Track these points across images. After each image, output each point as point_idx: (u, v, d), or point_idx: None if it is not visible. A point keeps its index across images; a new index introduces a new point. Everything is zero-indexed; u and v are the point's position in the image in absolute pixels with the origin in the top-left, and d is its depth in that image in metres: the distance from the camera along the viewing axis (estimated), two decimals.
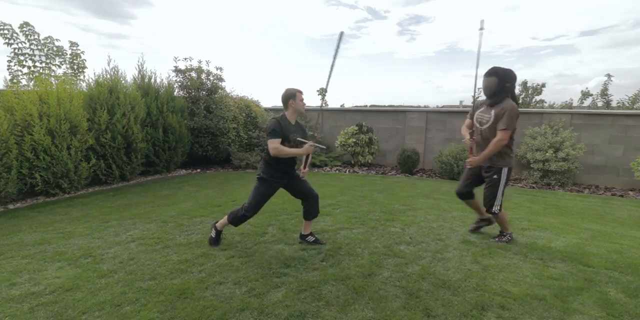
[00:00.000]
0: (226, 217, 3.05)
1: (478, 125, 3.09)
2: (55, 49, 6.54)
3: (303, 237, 3.19)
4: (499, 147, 2.92)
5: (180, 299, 2.21)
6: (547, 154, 6.18)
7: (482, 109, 3.09)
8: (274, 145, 2.77)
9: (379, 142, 8.18)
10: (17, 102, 4.82)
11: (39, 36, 6.34)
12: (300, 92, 2.97)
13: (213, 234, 3.13)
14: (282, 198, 4.88)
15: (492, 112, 2.96)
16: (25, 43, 6.21)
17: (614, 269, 2.73)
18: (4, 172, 4.48)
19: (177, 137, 6.95)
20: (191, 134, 7.49)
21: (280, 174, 2.95)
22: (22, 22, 6.22)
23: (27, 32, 6.23)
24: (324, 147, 4.14)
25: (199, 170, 7.68)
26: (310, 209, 3.11)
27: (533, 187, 6.29)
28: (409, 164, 7.31)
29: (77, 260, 2.82)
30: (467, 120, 3.23)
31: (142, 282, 2.44)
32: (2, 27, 6.02)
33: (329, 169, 7.89)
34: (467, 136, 3.15)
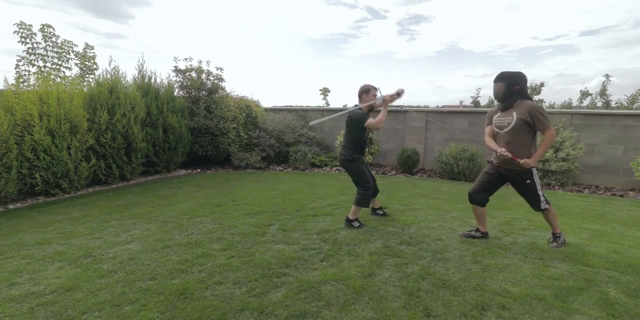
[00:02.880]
0: (353, 207, 3.58)
1: (498, 130, 3.10)
2: (71, 51, 6.62)
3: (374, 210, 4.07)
4: (550, 144, 3.01)
5: (180, 299, 2.21)
6: (547, 154, 6.17)
7: (498, 114, 3.10)
8: (375, 122, 3.49)
9: (379, 142, 8.17)
10: (17, 102, 4.82)
11: (57, 39, 6.41)
12: (375, 88, 3.63)
13: (355, 224, 3.57)
14: (282, 198, 4.89)
15: (514, 114, 2.95)
16: (40, 43, 6.25)
17: (614, 269, 2.73)
18: (4, 172, 4.48)
19: (177, 137, 6.95)
20: (191, 134, 7.49)
21: (361, 154, 3.69)
22: (43, 24, 6.33)
23: (47, 34, 6.30)
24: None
25: (199, 170, 7.68)
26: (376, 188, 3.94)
27: None
28: (409, 164, 7.31)
29: (77, 260, 2.82)
30: (489, 128, 3.20)
31: (142, 282, 2.44)
32: (22, 27, 6.07)
33: (329, 169, 7.89)
34: (498, 147, 3.04)
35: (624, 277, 2.60)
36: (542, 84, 11.79)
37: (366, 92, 3.62)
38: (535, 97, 11.85)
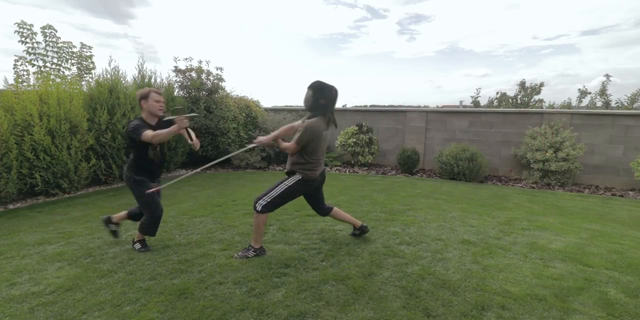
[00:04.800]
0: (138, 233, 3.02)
1: None
2: (70, 52, 6.63)
3: None
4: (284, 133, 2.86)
5: (180, 299, 2.21)
6: (547, 154, 6.18)
7: None
8: (151, 135, 2.63)
9: (379, 142, 8.17)
10: (17, 102, 4.82)
11: (57, 40, 6.42)
12: (158, 93, 2.86)
13: (137, 247, 3.02)
14: None
15: None
16: (40, 43, 6.26)
17: (614, 269, 2.73)
18: (4, 172, 4.48)
19: (177, 137, 6.95)
20: None
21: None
22: (45, 24, 6.36)
23: (47, 34, 6.31)
24: (196, 114, 3.90)
25: (199, 170, 7.68)
26: None
27: (533, 187, 6.29)
28: (409, 164, 7.31)
29: (77, 260, 2.82)
30: None
31: (142, 282, 2.44)
32: (22, 26, 6.07)
33: (329, 169, 7.88)
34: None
35: (624, 277, 2.60)
36: (542, 84, 11.80)
37: (145, 98, 2.81)
38: (535, 97, 11.86)
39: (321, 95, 2.77)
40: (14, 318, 2.03)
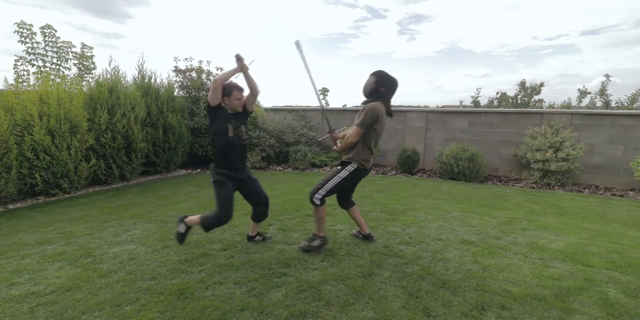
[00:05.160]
0: (195, 218, 2.92)
1: None
2: (70, 52, 6.64)
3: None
4: (347, 143, 2.90)
5: (180, 299, 2.21)
6: (547, 154, 6.18)
7: None
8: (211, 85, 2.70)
9: (379, 142, 8.17)
10: (17, 102, 4.82)
11: (56, 40, 6.43)
12: (239, 90, 2.77)
13: (182, 229, 2.95)
14: (282, 198, 4.89)
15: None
16: (40, 43, 6.26)
17: (614, 269, 2.73)
18: (4, 172, 4.48)
19: (177, 137, 6.95)
20: (191, 134, 7.50)
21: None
22: (44, 24, 6.36)
23: (47, 34, 6.31)
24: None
25: (199, 170, 7.68)
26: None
27: (533, 187, 6.29)
28: (409, 164, 7.31)
29: (77, 260, 2.82)
30: None
31: (142, 282, 2.44)
32: (22, 26, 6.08)
33: (329, 169, 7.88)
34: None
35: (624, 277, 2.60)
36: (542, 84, 11.79)
37: (228, 95, 2.77)
38: (535, 97, 11.86)
39: (383, 83, 2.82)
40: (14, 318, 2.03)
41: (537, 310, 2.13)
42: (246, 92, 2.88)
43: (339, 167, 2.95)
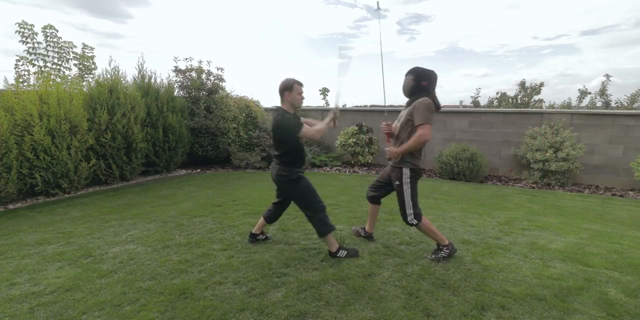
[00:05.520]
0: (325, 239, 2.86)
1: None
2: (71, 52, 6.65)
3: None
4: (419, 143, 2.75)
5: (180, 299, 2.21)
6: (547, 154, 6.18)
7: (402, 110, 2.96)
8: (314, 130, 2.72)
9: (379, 142, 8.18)
10: (17, 102, 4.82)
11: (58, 40, 6.43)
12: (300, 84, 2.79)
13: (342, 253, 2.86)
14: None
15: (407, 110, 2.84)
16: (41, 43, 6.27)
17: (614, 269, 2.73)
18: (4, 172, 4.48)
19: (177, 137, 6.95)
20: (191, 134, 7.50)
21: (303, 166, 2.93)
22: (46, 24, 6.37)
23: (48, 34, 6.32)
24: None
25: (199, 170, 7.68)
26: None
27: (533, 187, 6.29)
28: None
29: (77, 260, 2.82)
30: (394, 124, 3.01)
31: (142, 282, 2.44)
32: (23, 26, 6.09)
33: (329, 169, 7.89)
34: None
35: (624, 277, 2.60)
36: (542, 84, 11.79)
37: (289, 89, 2.75)
38: (535, 97, 11.86)
39: (422, 78, 2.78)
40: (14, 318, 2.03)
41: (537, 310, 2.13)
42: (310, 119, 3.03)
43: (397, 182, 2.81)
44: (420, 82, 2.77)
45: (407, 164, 2.77)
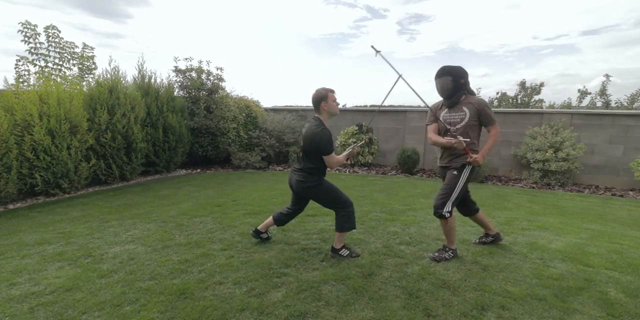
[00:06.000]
0: (337, 234, 2.86)
1: (449, 127, 2.85)
2: (72, 52, 6.66)
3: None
4: (497, 141, 2.85)
5: (180, 299, 2.21)
6: (547, 154, 6.18)
7: (445, 111, 2.91)
8: (336, 159, 2.78)
9: (379, 142, 8.18)
10: (17, 102, 4.82)
11: (60, 40, 6.44)
12: (332, 91, 2.81)
13: (344, 252, 2.88)
14: (282, 198, 4.89)
15: (465, 109, 2.81)
16: (43, 43, 6.28)
17: (614, 269, 2.73)
18: (4, 172, 4.48)
19: (177, 137, 6.95)
20: (191, 134, 7.50)
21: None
22: (48, 25, 6.40)
23: (50, 34, 6.33)
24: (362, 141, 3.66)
25: (199, 170, 7.68)
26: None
27: (533, 187, 6.29)
28: (409, 164, 7.31)
29: (77, 260, 2.82)
30: (433, 126, 2.99)
31: (142, 282, 2.44)
32: (26, 26, 6.09)
33: (328, 169, 7.88)
34: (450, 139, 2.80)
35: (624, 277, 2.60)
36: (542, 84, 11.81)
37: (324, 99, 2.76)
38: (535, 97, 11.87)
39: (460, 76, 2.77)
40: (14, 318, 2.03)
41: (537, 310, 2.13)
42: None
43: (455, 173, 2.81)
44: (460, 81, 2.77)
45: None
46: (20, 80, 5.87)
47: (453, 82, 2.76)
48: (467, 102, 2.82)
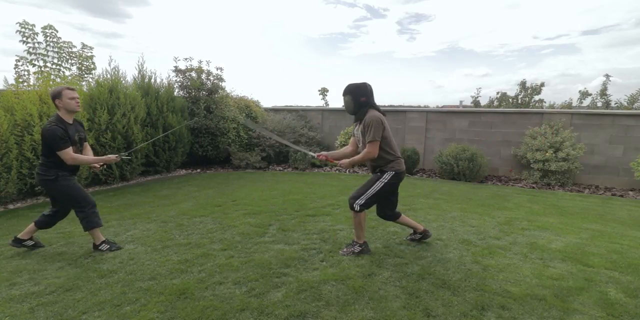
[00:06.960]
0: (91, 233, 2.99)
1: (359, 142, 3.02)
2: (70, 52, 6.66)
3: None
4: (366, 158, 2.86)
5: (180, 299, 2.21)
6: (547, 154, 6.18)
7: (356, 126, 3.02)
8: (70, 156, 2.79)
9: None
10: (17, 102, 4.82)
11: (58, 40, 6.44)
12: (71, 89, 2.84)
13: (104, 247, 3.00)
14: (282, 198, 4.89)
15: (360, 125, 2.91)
16: (42, 43, 6.28)
17: (614, 269, 2.73)
18: (4, 172, 4.48)
19: (177, 137, 6.95)
20: (191, 134, 7.50)
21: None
22: (46, 24, 6.40)
23: (48, 34, 6.33)
24: (129, 156, 3.74)
25: (199, 170, 7.68)
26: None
27: (533, 187, 6.29)
28: (409, 164, 7.30)
29: (77, 260, 2.82)
30: (352, 139, 3.18)
31: (142, 282, 2.44)
32: (24, 26, 6.09)
33: (329, 169, 7.89)
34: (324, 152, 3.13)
35: (624, 277, 2.60)
36: (542, 84, 11.80)
37: (58, 97, 2.82)
38: (536, 97, 11.87)
39: (359, 94, 2.86)
40: (14, 318, 2.03)
41: (537, 310, 2.13)
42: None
43: (379, 174, 2.91)
44: (360, 99, 2.88)
45: (392, 169, 2.88)
46: (20, 80, 5.87)
47: (353, 100, 2.88)
48: (364, 119, 2.87)
